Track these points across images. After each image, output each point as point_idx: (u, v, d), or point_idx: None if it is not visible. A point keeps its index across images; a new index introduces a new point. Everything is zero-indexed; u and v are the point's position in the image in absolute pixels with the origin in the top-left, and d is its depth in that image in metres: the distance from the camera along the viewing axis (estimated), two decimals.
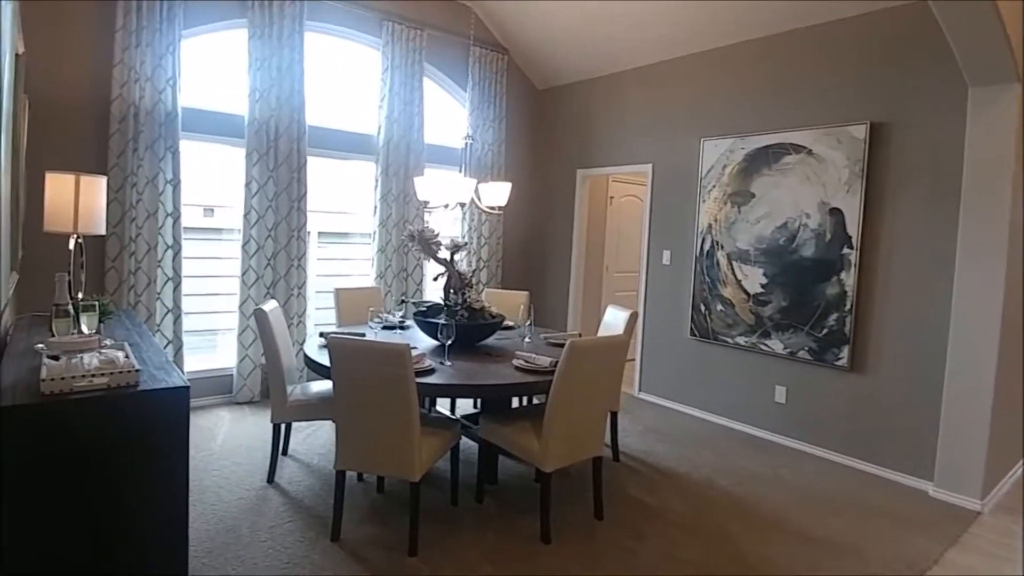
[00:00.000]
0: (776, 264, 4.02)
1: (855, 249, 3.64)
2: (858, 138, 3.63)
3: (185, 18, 3.88)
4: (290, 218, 4.31)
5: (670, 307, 4.76)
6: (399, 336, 3.36)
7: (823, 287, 3.78)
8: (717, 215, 4.38)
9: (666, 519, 2.87)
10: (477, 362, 2.89)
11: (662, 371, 4.82)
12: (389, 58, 4.78)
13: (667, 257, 4.78)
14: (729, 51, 4.36)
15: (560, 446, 2.59)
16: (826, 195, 3.77)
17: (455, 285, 3.33)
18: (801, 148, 3.90)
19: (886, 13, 3.55)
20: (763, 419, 4.15)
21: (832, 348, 3.75)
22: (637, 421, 4.34)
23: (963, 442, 3.19)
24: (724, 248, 4.33)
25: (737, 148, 4.25)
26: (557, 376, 2.53)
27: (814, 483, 3.41)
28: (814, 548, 2.67)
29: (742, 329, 4.22)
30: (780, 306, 4.00)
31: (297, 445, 3.51)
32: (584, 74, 5.45)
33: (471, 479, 3.09)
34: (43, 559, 1.50)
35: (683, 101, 4.67)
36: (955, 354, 3.22)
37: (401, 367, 2.28)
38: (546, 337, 3.53)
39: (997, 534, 2.90)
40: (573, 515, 2.85)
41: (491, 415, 2.93)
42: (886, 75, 3.56)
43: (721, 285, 4.35)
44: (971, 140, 3.16)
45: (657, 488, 3.21)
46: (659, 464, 3.56)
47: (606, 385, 2.73)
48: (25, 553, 1.47)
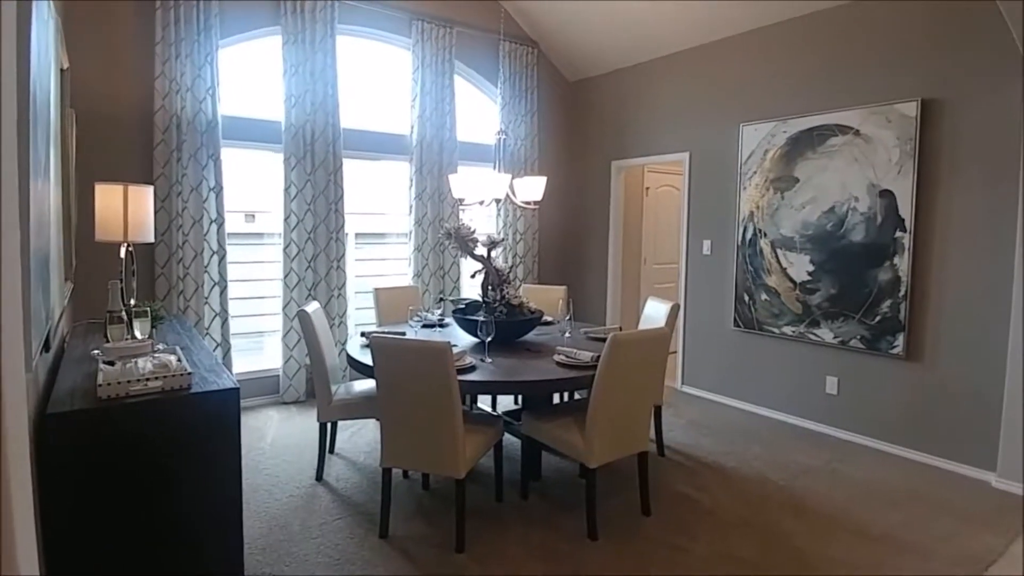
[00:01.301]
0: (823, 250, 3.88)
1: (908, 232, 3.48)
2: (909, 116, 3.46)
3: (221, 28, 3.96)
4: (328, 220, 4.37)
5: (712, 298, 4.65)
6: (439, 334, 3.37)
7: (875, 273, 3.62)
8: (759, 202, 4.25)
9: (717, 515, 2.80)
10: (518, 358, 2.87)
11: (706, 363, 4.72)
12: (420, 57, 4.79)
13: (707, 247, 4.67)
14: (766, 32, 4.22)
15: (604, 442, 2.55)
16: (876, 177, 3.61)
17: (493, 281, 3.31)
18: (848, 129, 3.74)
19: None
20: (813, 411, 4.01)
21: (886, 336, 3.59)
22: (681, 415, 4.26)
23: None
24: (767, 236, 4.20)
25: (779, 132, 4.11)
26: (599, 370, 2.49)
27: (870, 476, 3.28)
28: (875, 545, 2.57)
29: (789, 318, 4.08)
30: (829, 294, 3.86)
31: (343, 443, 3.57)
32: (616, 64, 5.35)
33: (515, 476, 3.07)
34: (102, 559, 1.55)
35: (720, 86, 4.55)
36: (1016, 341, 3.04)
37: (443, 365, 2.28)
38: (586, 331, 3.49)
39: None
40: (619, 511, 2.80)
41: (533, 411, 2.91)
42: (936, 49, 3.38)
43: (765, 274, 4.22)
44: None
45: (705, 483, 3.14)
46: (706, 458, 3.48)
47: (649, 379, 2.67)
48: (84, 553, 1.52)
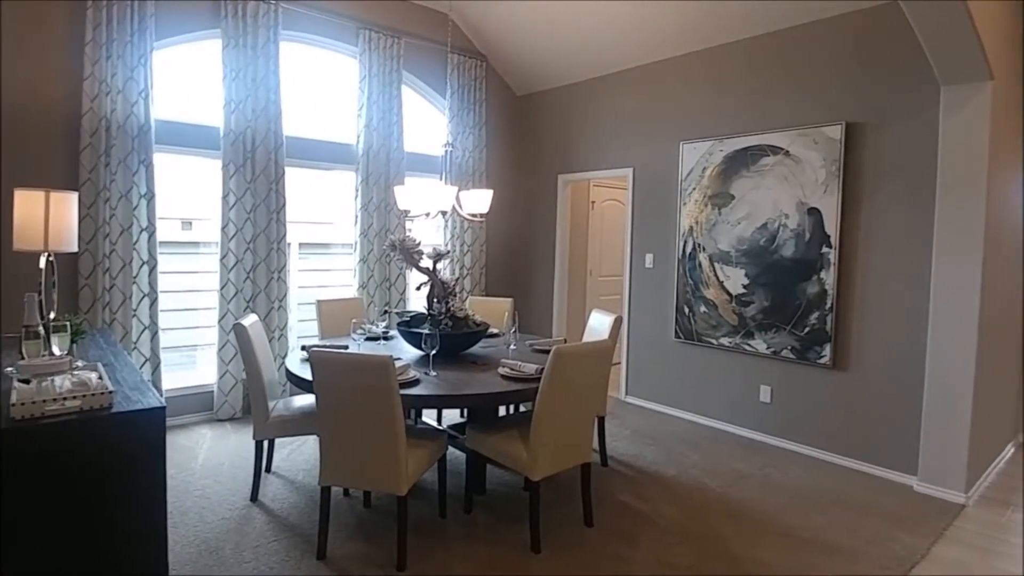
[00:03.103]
0: (757, 264, 4.05)
1: (834, 248, 3.68)
2: (834, 138, 3.67)
3: (157, 29, 3.81)
4: (269, 230, 4.24)
5: (654, 310, 4.77)
6: (383, 347, 3.32)
7: (804, 286, 3.81)
8: (698, 217, 4.41)
9: (657, 524, 2.85)
10: (462, 371, 2.86)
11: (648, 374, 4.83)
12: (367, 66, 4.75)
13: (650, 260, 4.80)
14: (705, 55, 4.40)
15: (548, 454, 2.57)
16: (804, 195, 3.81)
17: (438, 294, 3.30)
18: (779, 149, 3.94)
19: (859, 15, 3.60)
20: (749, 419, 4.16)
21: (814, 346, 3.78)
22: (625, 425, 4.34)
23: (945, 436, 3.23)
24: (706, 250, 4.36)
25: (716, 150, 4.28)
26: (543, 383, 2.51)
27: (802, 482, 3.42)
28: (805, 548, 2.68)
29: (726, 330, 4.24)
30: (762, 306, 4.03)
31: (281, 462, 3.45)
32: (563, 79, 5.46)
33: (459, 490, 3.05)
34: None
35: (661, 105, 4.70)
36: (935, 349, 3.26)
37: (384, 379, 2.24)
38: (531, 344, 3.51)
39: (983, 526, 2.93)
40: (563, 523, 2.82)
41: (478, 425, 2.90)
42: (860, 76, 3.61)
43: (704, 287, 4.37)
44: (945, 138, 3.21)
45: (647, 492, 3.20)
46: (648, 468, 3.55)
47: (592, 390, 2.71)
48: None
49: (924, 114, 3.36)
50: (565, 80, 5.45)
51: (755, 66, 4.11)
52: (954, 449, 3.20)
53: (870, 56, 3.57)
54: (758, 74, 4.10)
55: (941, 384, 3.24)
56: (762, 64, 4.07)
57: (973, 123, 3.11)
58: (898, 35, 3.41)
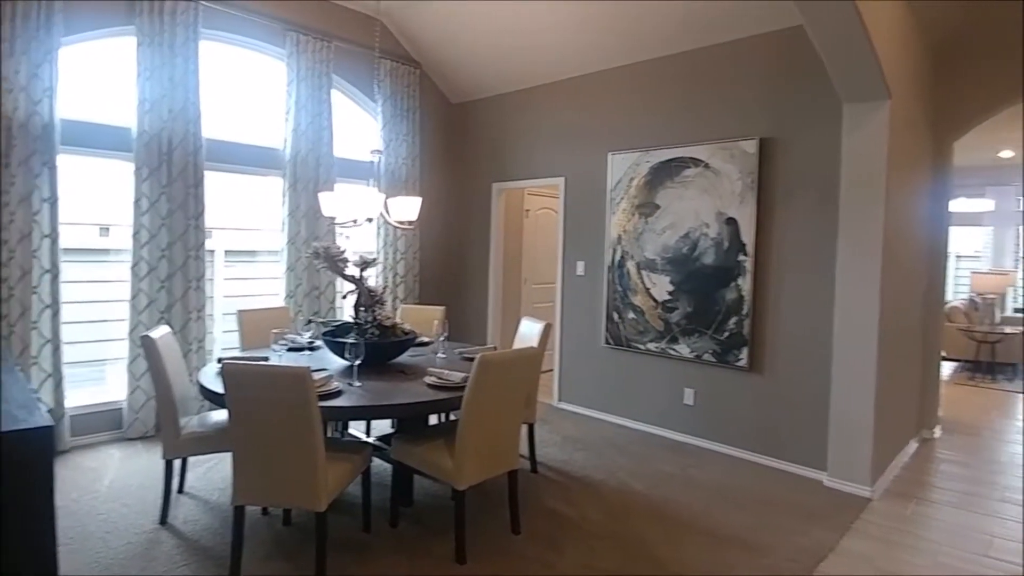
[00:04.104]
0: (681, 272, 4.19)
1: (749, 256, 3.86)
2: (750, 152, 3.86)
3: (66, 25, 3.59)
4: (186, 237, 4.05)
5: (586, 317, 4.85)
6: (307, 358, 3.23)
7: (723, 293, 3.98)
8: (626, 226, 4.53)
9: (583, 528, 2.89)
10: (388, 381, 2.81)
11: (580, 380, 4.90)
12: (295, 69, 4.63)
13: (581, 268, 4.88)
14: (632, 69, 4.54)
15: (474, 462, 2.56)
16: (722, 206, 3.98)
17: (365, 302, 3.23)
18: (700, 162, 4.10)
19: (773, 36, 3.81)
20: (674, 421, 4.29)
21: (733, 350, 3.94)
22: (556, 431, 4.38)
23: (851, 433, 3.43)
24: (633, 258, 4.48)
25: (642, 162, 4.42)
26: (468, 391, 2.51)
27: (722, 481, 3.55)
28: (724, 546, 2.77)
29: (652, 335, 4.36)
30: (686, 312, 4.17)
31: (195, 481, 3.28)
32: (496, 89, 5.50)
33: (387, 503, 2.99)
34: None
35: (591, 116, 4.81)
36: (839, 352, 3.47)
37: (302, 391, 2.18)
38: (461, 352, 3.50)
39: (887, 519, 3.12)
40: (491, 531, 2.81)
41: (405, 435, 2.86)
42: (773, 93, 3.82)
43: (632, 294, 4.49)
44: (846, 153, 3.43)
45: (575, 497, 3.24)
46: (577, 473, 3.59)
47: (519, 398, 2.73)
48: None
49: (829, 130, 3.58)
50: (499, 89, 5.49)
51: (679, 81, 4.28)
52: (859, 446, 3.40)
53: (782, 75, 3.78)
54: (681, 89, 4.26)
55: (846, 384, 3.44)
56: (685, 80, 4.24)
57: (872, 139, 3.34)
58: (806, 56, 3.62)
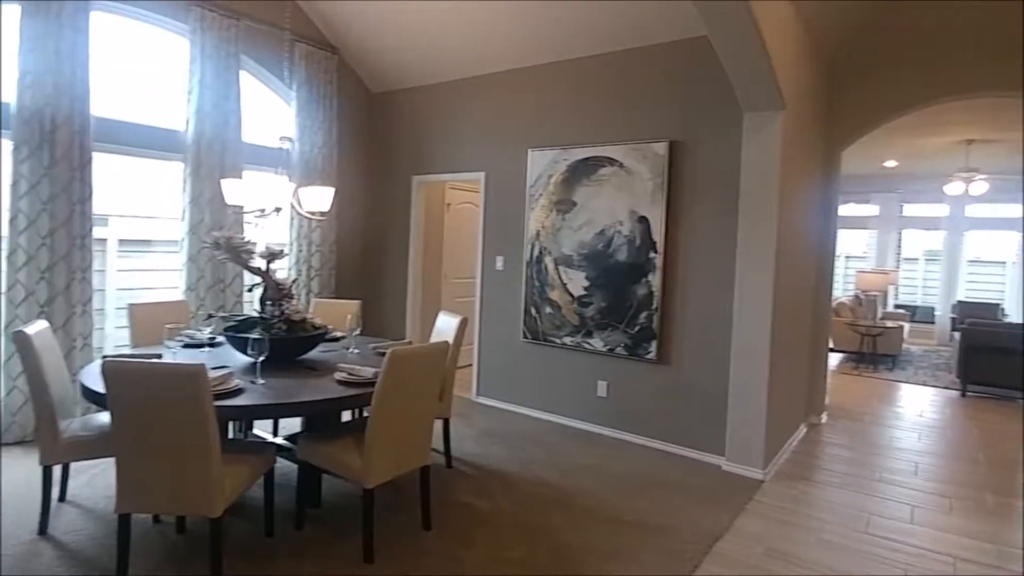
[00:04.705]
0: (596, 268, 4.31)
1: (659, 254, 4.02)
2: (660, 154, 4.01)
3: None
4: (71, 223, 3.72)
5: (504, 311, 4.89)
6: (208, 355, 3.05)
7: (635, 288, 4.12)
8: (544, 222, 4.59)
9: (494, 521, 2.92)
10: (295, 378, 2.71)
11: (498, 374, 4.93)
12: (199, 47, 4.34)
13: (501, 263, 4.91)
14: (553, 68, 4.60)
15: (384, 460, 2.52)
16: (635, 204, 4.12)
17: (272, 296, 3.10)
18: (614, 161, 4.22)
19: (684, 43, 3.96)
20: (588, 413, 4.42)
21: (643, 343, 4.10)
22: (473, 425, 4.39)
23: (746, 420, 3.66)
24: (551, 254, 4.55)
25: (560, 159, 4.49)
26: (378, 387, 2.46)
27: (630, 469, 3.68)
28: (628, 530, 2.88)
29: (568, 330, 4.46)
30: (600, 307, 4.29)
31: (80, 488, 3.02)
32: (419, 80, 5.41)
33: (294, 505, 2.88)
34: None
35: (512, 113, 4.83)
36: (737, 344, 3.68)
37: (194, 390, 2.05)
38: (375, 347, 3.43)
39: (777, 499, 3.35)
40: (402, 529, 2.78)
41: (313, 433, 2.77)
42: (683, 98, 3.98)
43: (549, 289, 4.56)
44: (745, 158, 3.64)
45: (488, 490, 3.26)
46: (492, 466, 3.62)
47: (432, 393, 2.71)
48: None
49: (732, 136, 3.78)
50: (421, 81, 5.40)
51: (596, 82, 4.37)
52: (754, 432, 3.63)
53: (691, 82, 3.95)
54: (599, 90, 4.36)
55: (742, 375, 3.67)
56: (603, 81, 4.34)
57: (768, 146, 3.56)
58: (714, 65, 3.79)
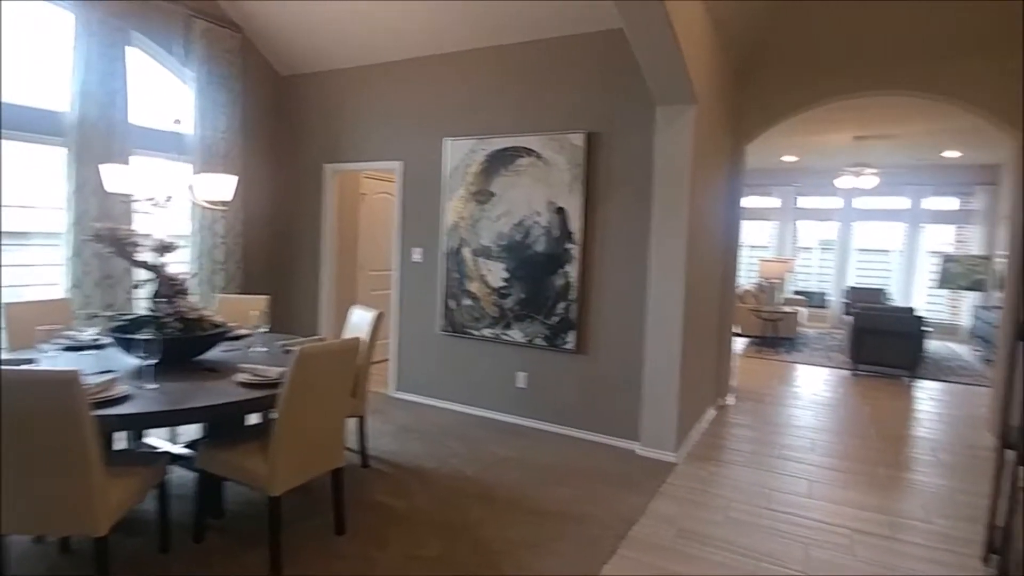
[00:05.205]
0: (515, 259, 4.30)
1: (577, 244, 4.06)
2: (578, 145, 4.04)
3: None
4: None
5: (422, 304, 4.80)
6: (93, 359, 2.78)
7: (553, 279, 4.15)
8: (463, 213, 4.53)
9: (411, 519, 2.85)
10: (192, 381, 2.52)
11: (417, 368, 4.85)
12: (83, 20, 3.94)
13: (419, 255, 4.80)
14: (470, 56, 4.52)
15: (291, 464, 2.39)
16: (553, 195, 4.14)
17: (165, 292, 2.87)
18: (532, 152, 4.21)
19: (601, 35, 3.99)
20: (508, 404, 4.42)
21: (561, 334, 4.14)
22: (391, 421, 4.29)
23: (659, 405, 3.78)
24: (470, 245, 4.50)
25: (478, 149, 4.44)
26: (284, 388, 2.33)
27: (550, 459, 3.72)
28: (547, 521, 2.90)
29: (487, 322, 4.44)
30: (519, 298, 4.29)
31: None
32: (331, 64, 5.17)
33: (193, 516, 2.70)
34: None
35: (428, 101, 4.72)
36: (651, 331, 3.80)
37: (68, 399, 1.86)
38: (284, 344, 3.26)
39: (689, 481, 3.49)
40: (313, 534, 2.67)
41: (213, 440, 2.59)
42: (600, 90, 4.02)
43: (468, 280, 4.51)
44: (658, 151, 3.73)
45: (405, 489, 3.19)
46: (410, 463, 3.55)
47: (343, 391, 2.60)
48: None
49: (646, 129, 3.86)
50: (334, 64, 5.17)
51: (514, 72, 4.34)
52: (666, 416, 3.76)
53: (608, 73, 3.99)
54: (517, 80, 4.33)
55: (656, 361, 3.78)
56: (520, 71, 4.31)
57: (680, 139, 3.66)
58: (630, 58, 3.84)
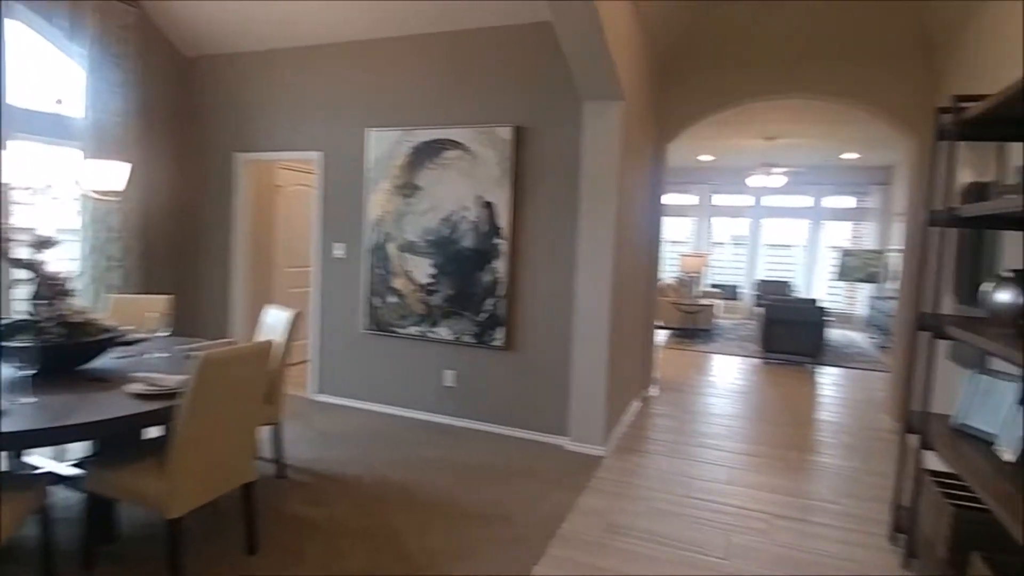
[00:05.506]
0: (442, 255, 4.18)
1: (505, 239, 4.00)
2: (506, 139, 3.97)
3: None
4: None
5: (345, 302, 4.59)
6: None
7: (481, 275, 4.07)
8: (387, 207, 4.36)
9: (330, 530, 2.70)
10: (77, 393, 2.25)
11: (340, 369, 4.64)
12: None
13: (340, 250, 4.58)
14: (395, 43, 4.33)
15: (193, 483, 2.19)
16: (481, 189, 4.05)
17: (44, 294, 2.56)
18: (460, 144, 4.10)
19: (530, 27, 3.92)
20: (436, 404, 4.31)
21: (490, 330, 4.07)
22: (311, 427, 4.08)
23: (588, 399, 3.80)
24: (395, 240, 4.34)
25: (404, 141, 4.27)
26: (185, 400, 2.12)
27: (478, 459, 3.65)
28: (474, 525, 2.82)
29: (414, 319, 4.30)
30: (447, 295, 4.18)
31: None
32: (241, 45, 4.83)
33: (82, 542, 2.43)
34: None
35: (350, 89, 4.50)
36: (579, 326, 3.80)
37: None
38: (186, 349, 3.00)
39: (616, 474, 3.51)
40: (221, 555, 2.46)
41: (103, 458, 2.33)
42: (528, 83, 3.95)
43: (393, 277, 4.35)
44: (586, 146, 3.72)
45: (326, 498, 3.02)
46: (332, 471, 3.37)
47: (253, 399, 2.41)
48: None
49: (574, 123, 3.84)
50: (245, 46, 4.83)
51: (441, 62, 4.20)
52: (595, 410, 3.78)
53: (537, 67, 3.93)
54: (443, 70, 4.19)
55: (584, 355, 3.79)
56: (447, 61, 4.18)
57: (608, 134, 3.67)
58: (558, 51, 3.80)
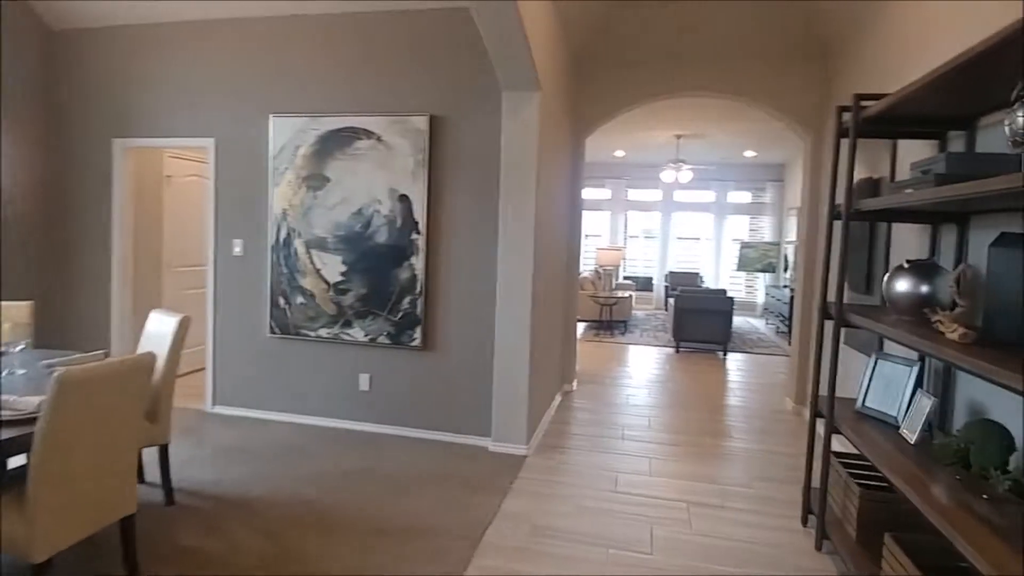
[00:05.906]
0: (354, 251, 3.91)
1: (422, 235, 3.80)
2: (421, 129, 3.76)
3: None
4: None
5: (246, 304, 4.19)
6: None
7: (397, 272, 3.84)
8: (292, 200, 4.02)
9: (228, 562, 2.40)
10: None
11: (241, 378, 4.24)
12: None
13: (239, 247, 4.18)
14: (298, 22, 3.99)
15: (60, 520, 1.85)
16: (396, 182, 3.82)
17: None
18: (372, 134, 3.85)
19: (447, 12, 3.72)
20: (351, 410, 4.04)
21: (407, 330, 3.86)
22: (207, 444, 3.68)
23: (511, 399, 3.68)
24: (302, 236, 4.01)
25: (309, 129, 3.95)
26: (42, 425, 1.78)
27: (396, 467, 3.43)
28: (394, 539, 2.61)
29: (324, 320, 4.00)
30: (360, 294, 3.92)
31: None
32: (118, 18, 4.27)
33: None
34: None
35: (248, 71, 4.10)
36: (500, 324, 3.67)
37: None
38: (50, 364, 2.58)
39: (539, 473, 3.42)
40: None
41: None
42: (445, 71, 3.76)
43: (301, 275, 4.03)
44: (505, 137, 3.59)
45: (224, 526, 2.70)
46: (231, 492, 3.03)
47: (130, 420, 2.09)
48: None
49: (493, 114, 3.69)
50: (123, 19, 4.27)
51: (350, 45, 3.91)
52: (517, 408, 3.67)
53: (454, 54, 3.74)
54: (353, 54, 3.91)
55: (506, 353, 3.67)
56: (357, 44, 3.90)
57: (526, 126, 3.55)
58: (476, 39, 3.64)
